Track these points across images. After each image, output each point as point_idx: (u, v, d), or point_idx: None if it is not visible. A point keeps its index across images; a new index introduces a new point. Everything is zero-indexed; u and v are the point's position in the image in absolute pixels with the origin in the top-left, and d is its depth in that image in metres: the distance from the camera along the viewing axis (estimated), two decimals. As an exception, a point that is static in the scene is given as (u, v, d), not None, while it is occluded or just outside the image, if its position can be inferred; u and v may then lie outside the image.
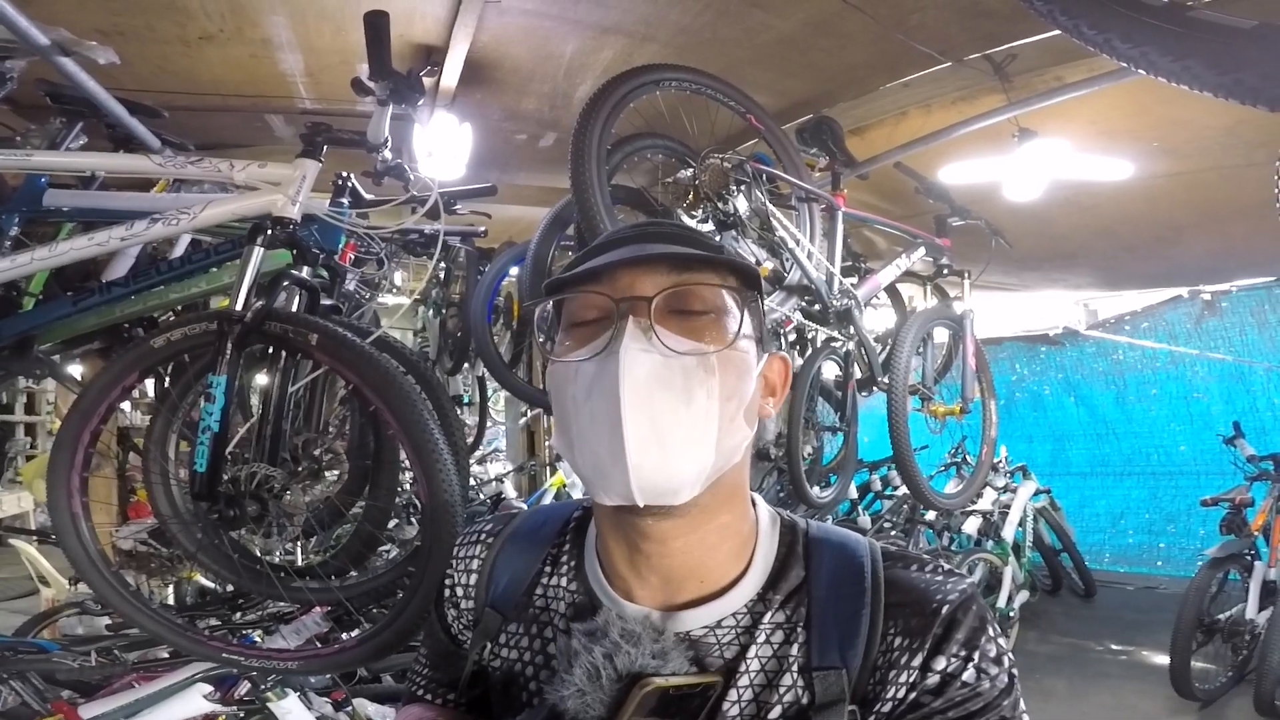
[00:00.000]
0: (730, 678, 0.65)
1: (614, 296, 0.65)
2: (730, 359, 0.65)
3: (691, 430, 0.63)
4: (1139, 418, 5.77)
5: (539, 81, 2.59)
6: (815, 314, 2.55)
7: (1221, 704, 3.69)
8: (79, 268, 2.05)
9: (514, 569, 0.77)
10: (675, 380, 0.63)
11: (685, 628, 0.67)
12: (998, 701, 0.62)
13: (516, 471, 5.63)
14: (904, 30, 2.25)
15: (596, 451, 0.63)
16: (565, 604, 0.73)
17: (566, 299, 0.69)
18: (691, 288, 0.66)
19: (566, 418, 0.66)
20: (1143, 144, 2.90)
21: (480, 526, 0.84)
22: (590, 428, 0.64)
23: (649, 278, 0.65)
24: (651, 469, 0.62)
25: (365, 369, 1.39)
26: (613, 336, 0.63)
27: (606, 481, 0.64)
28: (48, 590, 3.19)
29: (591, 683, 0.64)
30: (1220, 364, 5.30)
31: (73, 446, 1.49)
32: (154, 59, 2.24)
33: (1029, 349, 6.17)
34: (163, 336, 1.46)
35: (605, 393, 0.62)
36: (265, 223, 1.46)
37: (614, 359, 0.62)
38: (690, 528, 0.67)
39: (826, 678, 0.63)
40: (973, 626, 0.63)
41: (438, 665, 0.83)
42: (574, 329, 0.68)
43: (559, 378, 0.67)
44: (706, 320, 0.66)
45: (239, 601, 2.21)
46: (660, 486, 0.63)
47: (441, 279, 3.47)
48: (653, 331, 0.63)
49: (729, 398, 0.65)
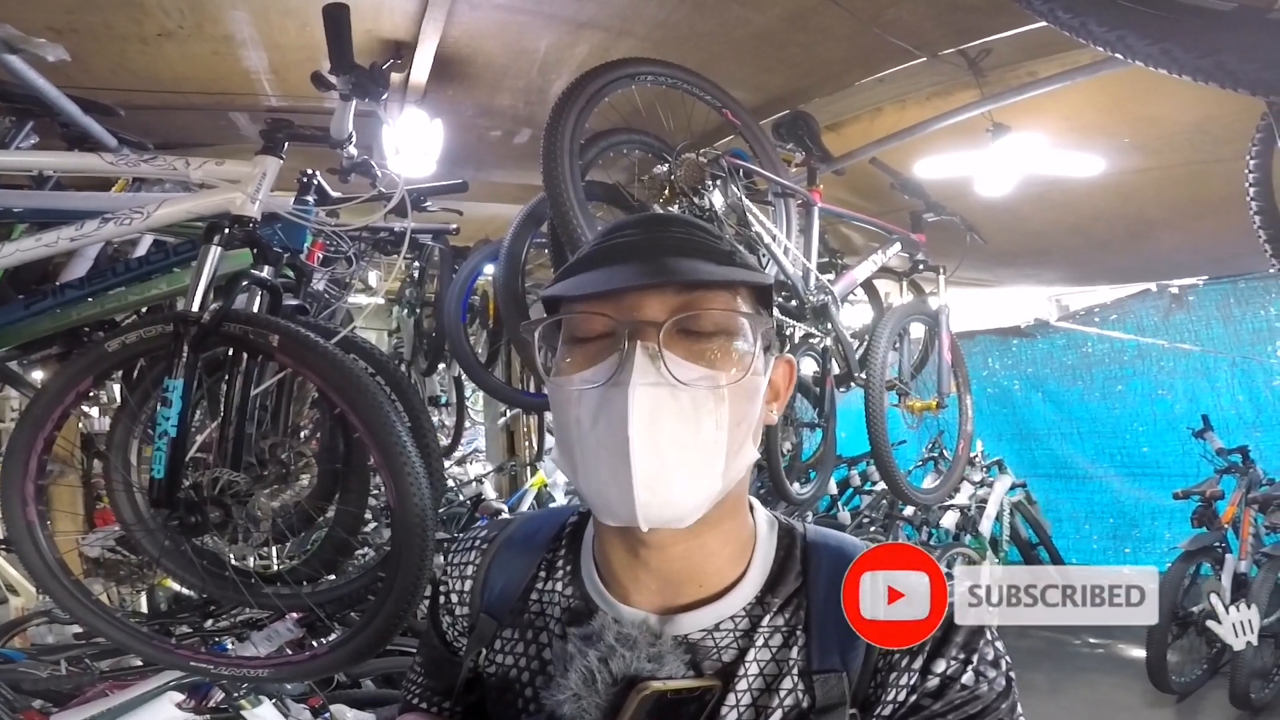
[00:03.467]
0: (729, 681, 0.64)
1: (620, 319, 0.62)
2: (740, 384, 0.64)
3: (699, 461, 0.62)
4: (1103, 416, 5.78)
5: (513, 77, 2.55)
6: (792, 310, 2.54)
7: (1198, 696, 3.76)
8: (35, 270, 1.99)
9: (509, 574, 0.77)
10: (684, 410, 0.61)
11: (683, 631, 0.67)
12: (995, 704, 0.62)
13: (496, 472, 5.59)
14: (880, 25, 2.24)
15: (601, 479, 0.62)
16: (561, 609, 0.72)
17: (566, 306, 0.67)
18: (701, 312, 0.63)
19: (570, 440, 0.65)
20: (1115, 140, 2.93)
21: (474, 533, 0.83)
22: (595, 456, 0.62)
23: (658, 298, 0.63)
24: (659, 504, 0.61)
25: (328, 371, 1.36)
26: (619, 365, 0.61)
27: (610, 509, 0.63)
28: (16, 599, 3.10)
29: (587, 687, 0.64)
30: (1185, 361, 5.35)
31: (25, 454, 1.44)
32: (112, 56, 2.17)
33: (1001, 342, 6.20)
34: (117, 340, 1.42)
35: (612, 426, 0.61)
36: (222, 222, 1.42)
37: (621, 393, 0.60)
38: (692, 535, 0.66)
39: (827, 681, 0.63)
40: (971, 630, 0.64)
41: (433, 673, 0.82)
42: (576, 345, 0.66)
43: (561, 399, 0.66)
44: (716, 343, 0.64)
45: (211, 608, 2.16)
46: (665, 516, 0.62)
47: (416, 278, 3.42)
48: (661, 360, 0.61)
49: (738, 423, 0.64)
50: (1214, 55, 1.01)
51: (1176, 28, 1.00)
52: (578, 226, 1.79)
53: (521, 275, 2.33)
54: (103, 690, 1.78)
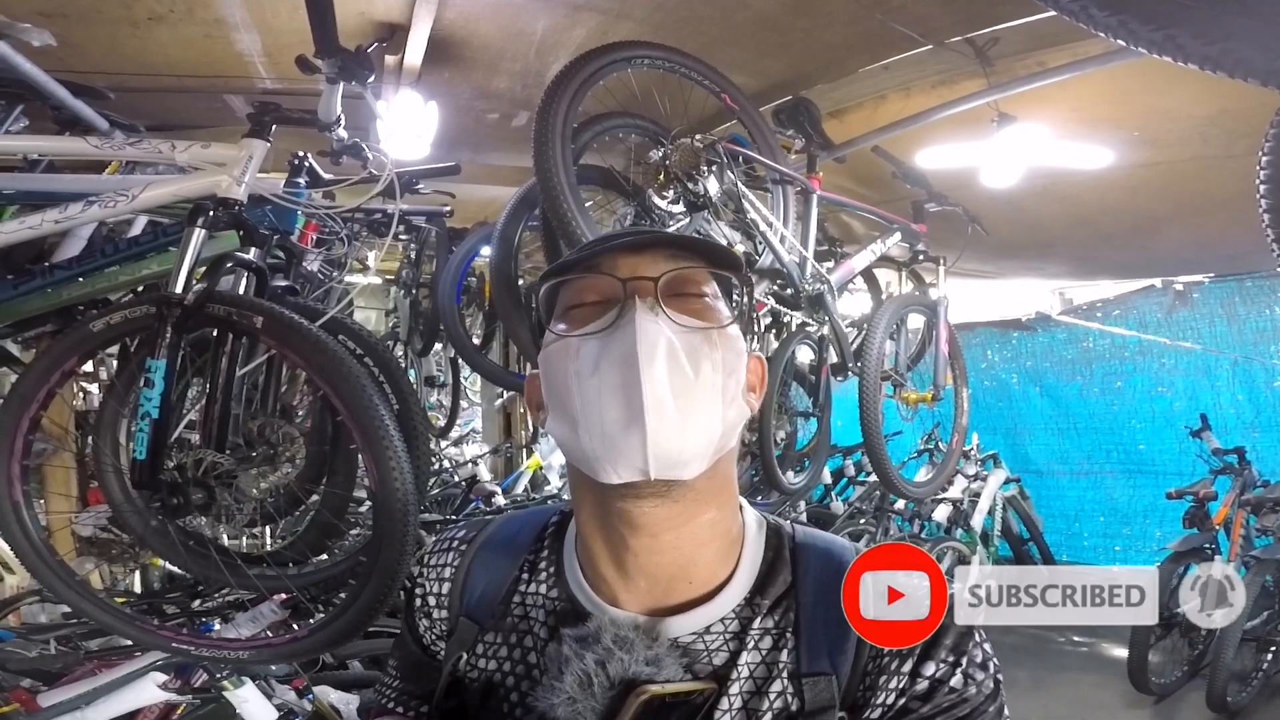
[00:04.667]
0: (722, 684, 0.64)
1: (620, 277, 0.66)
2: (728, 338, 0.67)
3: (702, 400, 0.64)
4: (1101, 412, 5.72)
5: (509, 60, 2.52)
6: (788, 298, 2.52)
7: (1176, 699, 3.75)
8: (28, 250, 1.99)
9: (489, 577, 0.76)
10: (683, 353, 0.64)
11: (674, 634, 0.66)
12: (984, 707, 0.62)
13: (492, 454, 5.60)
14: (884, 11, 2.20)
15: (606, 422, 0.63)
16: (546, 611, 0.72)
17: (563, 286, 0.70)
18: (690, 271, 0.68)
19: (567, 395, 0.65)
20: (1123, 132, 2.88)
21: (453, 533, 0.82)
22: (599, 400, 0.63)
23: (651, 262, 0.67)
24: (668, 435, 0.62)
25: (311, 353, 1.35)
26: (621, 312, 0.65)
27: (617, 454, 0.63)
28: (11, 577, 3.13)
29: (583, 690, 0.63)
30: (1186, 358, 5.29)
31: (10, 435, 1.45)
32: (103, 40, 2.15)
33: (1001, 335, 6.14)
34: (102, 320, 1.42)
35: (619, 362, 0.63)
36: (207, 204, 1.41)
37: (629, 329, 0.63)
38: (683, 518, 0.66)
39: (816, 684, 0.63)
40: (960, 632, 0.64)
41: (409, 677, 0.80)
42: (572, 311, 0.68)
43: (557, 356, 0.67)
44: (704, 302, 0.68)
45: (199, 589, 2.17)
46: (674, 456, 0.62)
47: (413, 259, 3.41)
48: (660, 308, 0.65)
49: (730, 374, 0.66)
50: (1223, 43, 0.97)
51: (1183, 12, 0.96)
52: (568, 210, 1.77)
53: (515, 258, 2.32)
54: (91, 669, 1.79)
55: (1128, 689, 3.66)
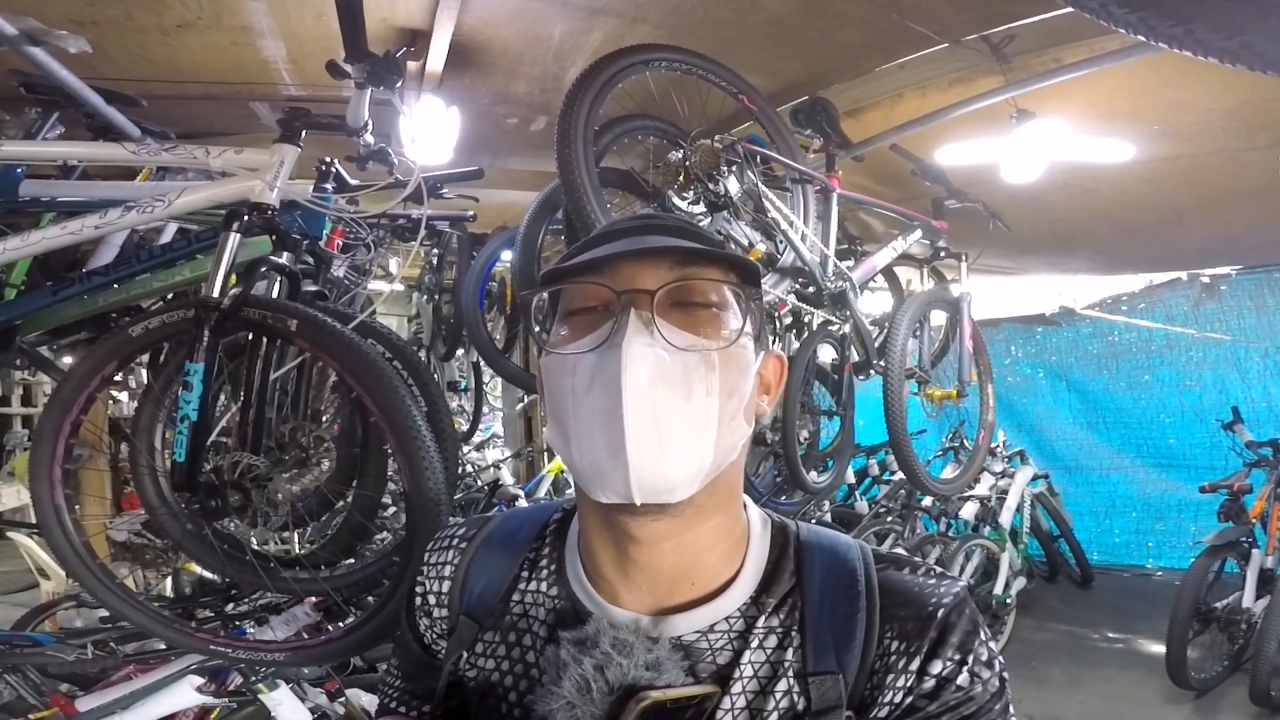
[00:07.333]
0: (725, 685, 0.63)
1: (615, 288, 0.64)
2: (731, 356, 0.64)
3: (692, 427, 0.62)
4: (1129, 407, 5.65)
5: (528, 64, 2.55)
6: (810, 296, 2.52)
7: (1217, 693, 3.68)
8: (64, 257, 2.03)
9: (489, 575, 0.75)
10: (676, 376, 0.62)
11: (676, 632, 0.65)
12: (989, 705, 0.62)
13: (514, 457, 5.62)
14: (900, 10, 2.20)
15: (594, 447, 0.62)
16: (546, 610, 0.71)
17: (564, 287, 0.68)
18: (693, 282, 0.65)
19: (563, 411, 0.65)
20: (1144, 127, 2.85)
21: (453, 531, 0.81)
22: (589, 423, 0.62)
23: (652, 271, 0.64)
24: (651, 467, 0.60)
25: (345, 355, 1.37)
26: (614, 329, 0.62)
27: (603, 479, 0.62)
28: (47, 583, 3.18)
29: (582, 695, 0.62)
30: (1215, 351, 5.22)
31: (52, 439, 1.47)
32: (133, 48, 2.21)
33: (1025, 330, 6.08)
34: (140, 325, 1.44)
35: (606, 387, 0.61)
36: (241, 209, 1.44)
37: (616, 353, 0.61)
38: (683, 528, 0.65)
39: (822, 683, 0.62)
40: (966, 630, 0.63)
41: (410, 676, 0.80)
42: (571, 317, 0.67)
43: (555, 369, 0.66)
44: (708, 314, 0.65)
45: (232, 593, 2.20)
46: (658, 485, 0.61)
47: (435, 264, 3.44)
48: (655, 326, 0.62)
49: (729, 394, 0.64)
50: (1241, 36, 0.96)
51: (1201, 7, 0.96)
52: (592, 212, 1.78)
53: (537, 262, 2.33)
54: (127, 674, 1.81)
55: (1166, 684, 3.60)
